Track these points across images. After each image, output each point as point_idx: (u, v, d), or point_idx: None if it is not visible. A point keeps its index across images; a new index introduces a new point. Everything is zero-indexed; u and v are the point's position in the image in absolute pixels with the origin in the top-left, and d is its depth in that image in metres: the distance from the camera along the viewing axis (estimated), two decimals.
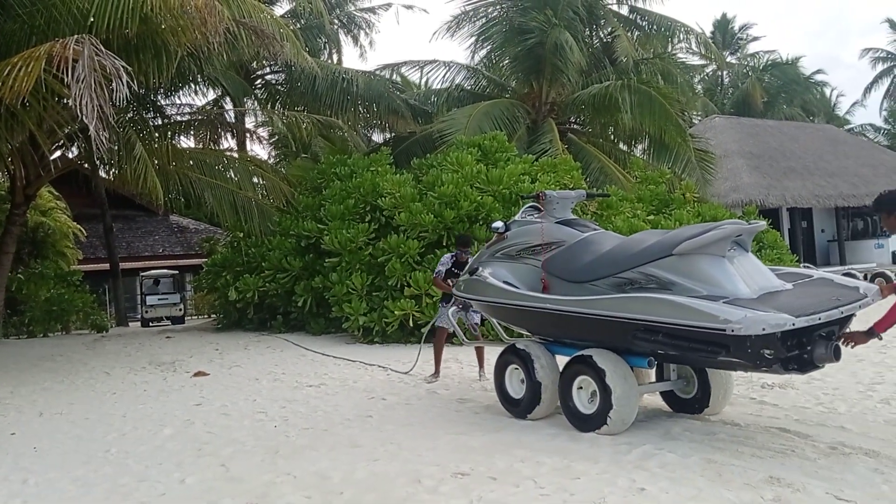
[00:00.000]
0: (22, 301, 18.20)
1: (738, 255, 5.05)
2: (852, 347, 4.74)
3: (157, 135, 15.78)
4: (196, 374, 9.44)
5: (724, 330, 4.40)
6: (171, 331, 17.68)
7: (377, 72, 20.86)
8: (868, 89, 53.97)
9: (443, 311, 8.02)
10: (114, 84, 8.21)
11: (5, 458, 5.66)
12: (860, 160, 28.19)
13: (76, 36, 8.65)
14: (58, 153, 16.41)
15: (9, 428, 6.83)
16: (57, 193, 22.22)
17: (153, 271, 26.82)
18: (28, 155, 14.18)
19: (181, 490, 4.55)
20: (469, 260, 7.32)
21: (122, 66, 8.30)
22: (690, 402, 5.79)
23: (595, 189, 15.42)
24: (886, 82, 53.57)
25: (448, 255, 8.23)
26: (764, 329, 4.29)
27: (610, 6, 21.01)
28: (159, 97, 17.67)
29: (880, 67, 53.60)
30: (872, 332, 4.50)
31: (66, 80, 8.17)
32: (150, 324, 24.50)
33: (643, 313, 4.90)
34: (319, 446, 5.41)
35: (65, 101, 10.01)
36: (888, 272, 20.47)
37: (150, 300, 25.74)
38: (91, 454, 5.61)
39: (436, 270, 8.13)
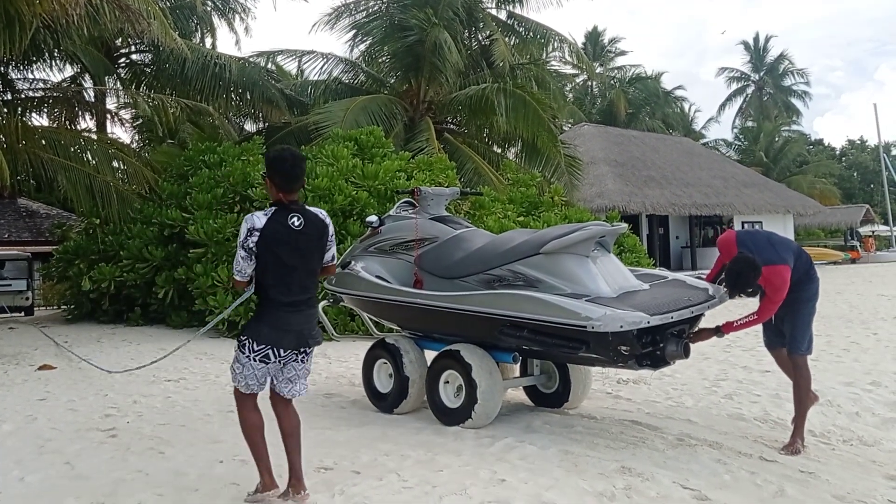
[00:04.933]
0: None
1: (600, 256, 5.28)
2: (696, 341, 5.04)
3: (5, 110, 14.60)
4: (41, 368, 8.80)
5: (586, 326, 4.58)
6: (16, 321, 16.39)
7: (252, 59, 20.23)
8: (722, 106, 58.29)
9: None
10: None
11: None
12: (713, 172, 30.27)
13: None
14: None
15: None
16: None
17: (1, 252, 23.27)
18: None
19: (20, 488, 4.22)
20: None
21: None
22: (551, 397, 5.99)
23: (469, 188, 15.66)
24: (739, 100, 58.00)
25: None
26: (621, 326, 4.50)
27: (489, 10, 21.40)
28: (10, 70, 16.35)
29: (734, 86, 58.04)
30: (719, 331, 4.82)
31: None
32: None
33: (510, 309, 5.02)
34: (176, 442, 5.17)
35: None
36: None
37: None
38: None
39: None
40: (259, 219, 3.71)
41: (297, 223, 3.75)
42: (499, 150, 21.05)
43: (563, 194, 17.02)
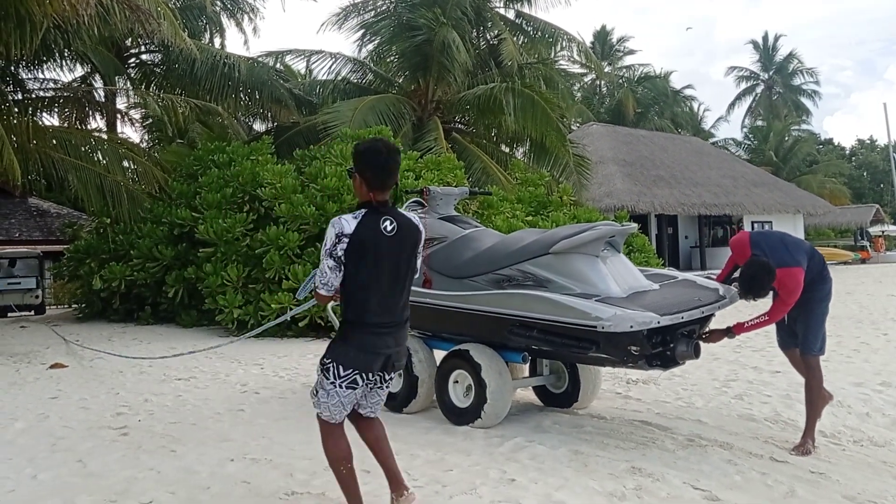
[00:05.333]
0: None
1: (610, 256, 5.27)
2: (707, 342, 5.03)
3: (16, 110, 14.70)
4: (53, 366, 8.86)
5: (596, 327, 4.57)
6: (27, 320, 16.49)
7: (261, 59, 20.30)
8: (732, 106, 58.11)
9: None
10: None
11: None
12: (722, 171, 30.17)
13: None
14: None
15: None
16: None
17: (8, 250, 22.80)
18: None
19: (33, 486, 4.26)
20: None
21: None
22: (561, 397, 5.99)
23: (477, 188, 15.67)
24: (749, 100, 57.78)
25: None
26: (632, 326, 4.49)
27: (497, 9, 21.42)
28: (20, 70, 16.45)
29: (744, 85, 57.81)
30: (730, 331, 4.80)
31: None
32: None
33: (519, 309, 5.02)
34: (187, 441, 5.20)
35: None
36: None
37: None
38: None
39: None
40: (349, 223, 3.18)
41: (389, 228, 3.24)
42: (507, 150, 21.05)
43: (571, 194, 17.01)
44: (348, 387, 3.28)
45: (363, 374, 3.30)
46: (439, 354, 5.92)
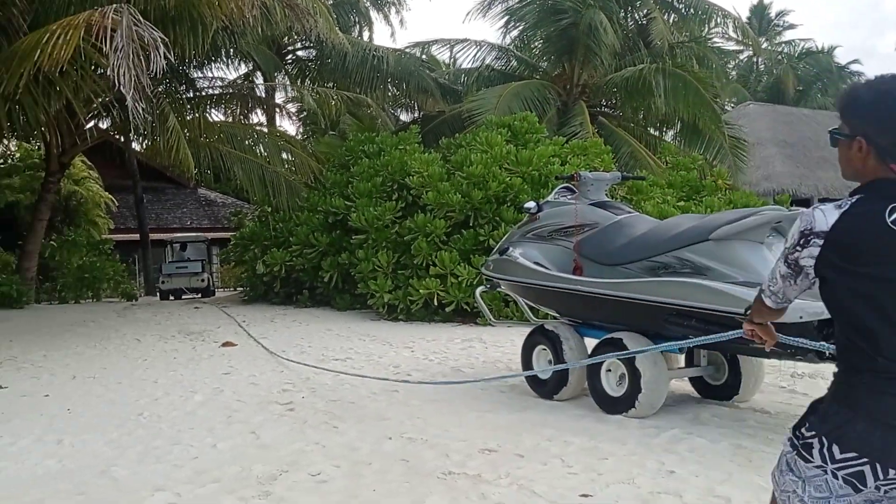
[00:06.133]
0: (54, 268, 18.55)
1: (776, 243, 4.98)
2: None
3: (188, 107, 15.92)
4: (224, 345, 9.56)
5: None
6: (200, 302, 17.90)
7: (407, 50, 20.81)
8: None
9: None
10: (151, 55, 8.27)
11: (39, 419, 5.78)
12: None
13: (115, 5, 8.72)
14: (92, 123, 16.61)
15: (42, 390, 6.98)
16: (90, 163, 22.52)
17: (179, 235, 24.05)
18: (64, 123, 14.37)
19: (213, 454, 4.63)
20: None
21: (160, 38, 8.35)
22: (720, 389, 5.76)
23: (625, 172, 15.30)
24: None
25: None
26: (801, 317, 4.24)
27: None
28: (192, 70, 17.79)
29: None
30: None
31: (104, 49, 8.24)
32: (170, 297, 21.21)
33: (677, 297, 4.87)
34: (347, 418, 5.46)
35: (101, 70, 10.10)
36: None
37: (167, 269, 22.17)
38: (124, 417, 5.72)
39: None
40: (826, 214, 1.90)
41: None
42: (656, 133, 20.38)
43: (727, 178, 16.20)
44: (846, 481, 1.83)
45: (878, 468, 1.80)
46: (589, 342, 5.87)
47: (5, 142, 18.84)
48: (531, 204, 6.51)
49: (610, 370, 5.41)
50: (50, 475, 4.32)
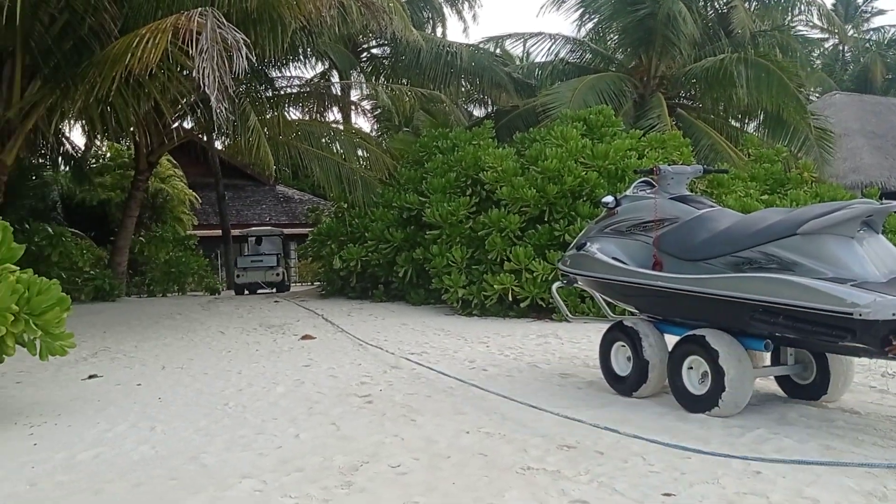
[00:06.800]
0: (143, 262, 19.38)
1: (867, 237, 4.77)
2: None
3: (268, 106, 16.35)
4: (303, 338, 9.80)
5: (851, 314, 4.19)
6: (278, 296, 18.38)
7: (481, 45, 20.80)
8: None
9: None
10: (234, 56, 8.53)
11: (133, 407, 6.06)
12: None
13: (200, 9, 9.02)
14: (177, 123, 17.27)
15: (135, 379, 7.31)
16: (174, 162, 23.43)
17: (255, 228, 24.19)
18: (152, 123, 15.00)
19: (296, 444, 4.75)
20: None
21: (242, 39, 8.60)
22: (808, 388, 5.55)
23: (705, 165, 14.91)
24: None
25: None
26: (894, 314, 4.07)
27: None
28: (271, 69, 18.26)
29: None
30: None
31: (189, 51, 8.55)
32: (245, 291, 21.39)
33: (763, 294, 4.72)
34: (424, 411, 5.52)
35: (186, 71, 10.48)
36: None
37: (243, 262, 22.10)
38: (211, 407, 5.94)
39: None
40: None
41: None
42: (737, 125, 19.77)
43: (812, 170, 15.61)
44: None
45: None
46: (669, 339, 5.75)
47: (97, 142, 19.80)
48: (609, 198, 6.41)
49: (692, 368, 5.29)
50: (145, 460, 4.52)
